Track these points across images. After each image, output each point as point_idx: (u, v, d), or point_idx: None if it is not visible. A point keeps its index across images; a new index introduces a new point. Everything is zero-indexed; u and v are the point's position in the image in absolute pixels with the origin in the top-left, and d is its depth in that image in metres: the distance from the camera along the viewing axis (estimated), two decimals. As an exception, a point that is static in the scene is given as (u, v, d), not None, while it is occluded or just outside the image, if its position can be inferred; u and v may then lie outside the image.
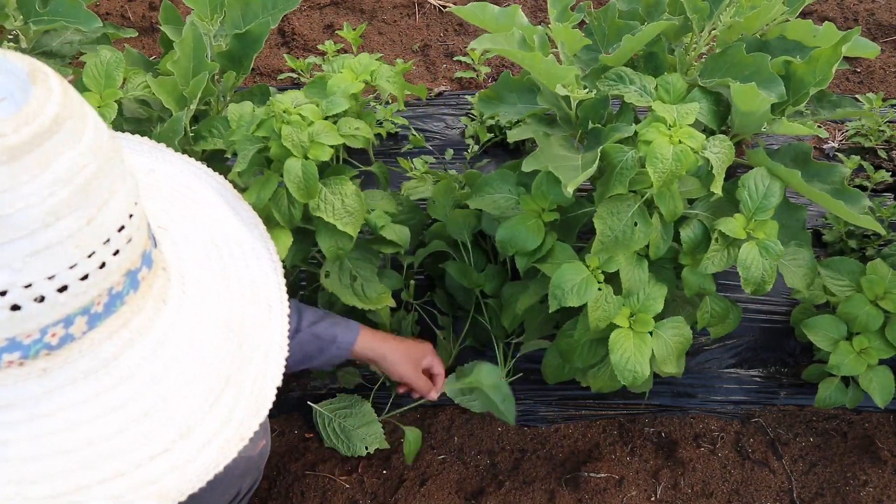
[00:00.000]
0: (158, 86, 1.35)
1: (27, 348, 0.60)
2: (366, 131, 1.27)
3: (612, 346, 1.38)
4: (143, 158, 0.91)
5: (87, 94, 1.35)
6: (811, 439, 1.75)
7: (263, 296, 0.82)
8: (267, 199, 1.16)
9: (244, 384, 0.75)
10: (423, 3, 2.69)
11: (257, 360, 0.78)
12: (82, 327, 0.62)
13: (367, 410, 1.71)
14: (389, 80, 1.45)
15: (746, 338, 1.87)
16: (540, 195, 1.41)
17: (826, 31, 1.33)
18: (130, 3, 2.69)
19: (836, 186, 1.35)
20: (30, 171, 0.55)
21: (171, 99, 1.34)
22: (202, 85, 1.31)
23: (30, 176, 0.55)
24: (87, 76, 1.35)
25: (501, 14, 1.41)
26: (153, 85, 1.35)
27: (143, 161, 0.90)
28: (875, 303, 1.58)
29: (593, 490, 1.65)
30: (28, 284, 0.57)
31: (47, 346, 0.61)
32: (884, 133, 2.18)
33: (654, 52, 1.43)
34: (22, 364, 0.60)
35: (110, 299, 0.63)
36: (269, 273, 0.85)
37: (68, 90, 0.59)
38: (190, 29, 1.39)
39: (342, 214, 1.21)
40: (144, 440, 0.66)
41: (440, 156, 2.17)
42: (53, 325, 0.60)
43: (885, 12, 2.63)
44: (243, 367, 0.76)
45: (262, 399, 0.76)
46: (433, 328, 1.81)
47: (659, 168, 1.21)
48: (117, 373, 0.65)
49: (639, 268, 1.40)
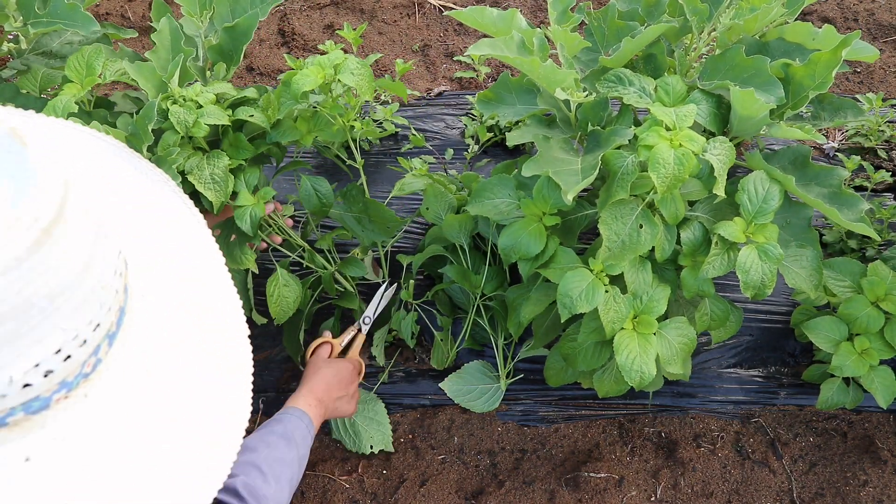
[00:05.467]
0: (137, 71, 1.39)
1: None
2: (258, 119, 1.44)
3: (617, 347, 1.38)
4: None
5: (68, 84, 1.39)
6: (811, 439, 1.75)
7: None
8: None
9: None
10: (423, 3, 2.68)
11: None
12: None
13: (380, 410, 1.72)
14: (354, 72, 1.45)
15: (746, 338, 1.87)
16: (541, 200, 1.40)
17: (826, 33, 1.32)
18: (130, 4, 2.68)
19: (833, 190, 1.35)
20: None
21: (151, 85, 1.39)
22: (178, 66, 1.37)
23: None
24: (69, 68, 1.40)
25: (500, 18, 1.41)
26: (131, 71, 1.38)
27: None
28: (876, 304, 1.58)
29: (593, 490, 1.65)
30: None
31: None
32: (884, 133, 2.18)
33: (653, 53, 1.42)
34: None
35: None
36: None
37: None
38: (167, 21, 1.44)
39: (208, 181, 1.39)
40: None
41: (440, 156, 2.17)
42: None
43: (885, 12, 2.62)
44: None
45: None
46: (432, 328, 1.81)
47: (662, 173, 1.21)
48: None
49: (642, 270, 1.40)
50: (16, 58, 1.55)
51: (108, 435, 0.66)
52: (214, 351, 0.78)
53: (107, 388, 0.65)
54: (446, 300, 1.80)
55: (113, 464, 0.66)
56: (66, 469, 0.63)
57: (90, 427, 0.64)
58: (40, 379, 0.58)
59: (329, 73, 1.44)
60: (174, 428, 0.70)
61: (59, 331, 0.58)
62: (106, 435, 0.65)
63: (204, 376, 0.75)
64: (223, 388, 0.76)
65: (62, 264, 0.56)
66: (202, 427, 0.73)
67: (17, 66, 1.54)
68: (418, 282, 1.88)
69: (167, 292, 0.76)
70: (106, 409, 0.65)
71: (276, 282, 1.57)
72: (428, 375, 1.81)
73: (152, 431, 0.69)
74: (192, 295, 0.78)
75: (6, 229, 0.53)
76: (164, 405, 0.70)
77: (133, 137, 1.31)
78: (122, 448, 0.66)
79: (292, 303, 1.58)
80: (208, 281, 0.82)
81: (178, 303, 0.76)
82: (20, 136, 0.57)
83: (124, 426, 0.67)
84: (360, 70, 1.46)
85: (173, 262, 0.79)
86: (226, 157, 1.41)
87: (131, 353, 0.68)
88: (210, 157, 1.40)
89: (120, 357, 0.66)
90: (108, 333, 0.64)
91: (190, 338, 0.76)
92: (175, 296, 0.76)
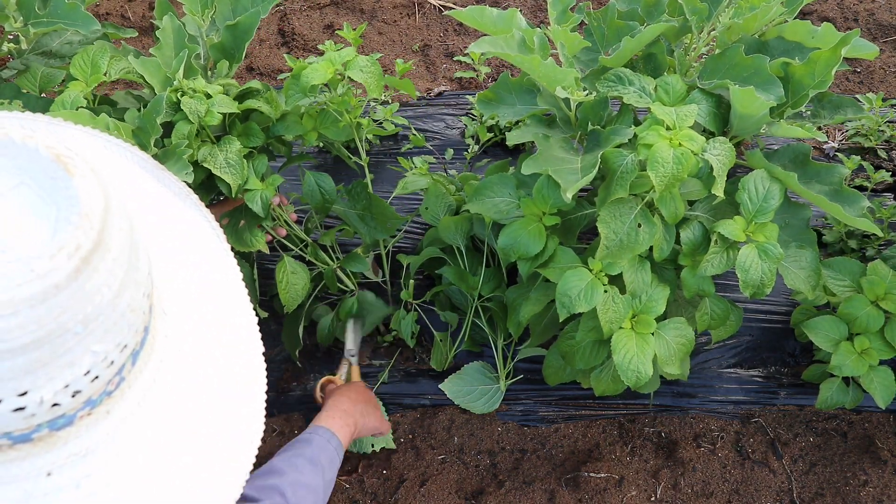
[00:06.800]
0: (142, 66, 1.40)
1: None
2: (266, 109, 1.47)
3: (614, 346, 1.38)
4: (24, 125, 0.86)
5: (74, 82, 1.40)
6: (811, 439, 1.75)
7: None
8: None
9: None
10: (423, 3, 2.68)
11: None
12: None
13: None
14: (364, 70, 1.46)
15: (746, 338, 1.87)
16: (541, 199, 1.40)
17: (825, 32, 1.32)
18: (130, 3, 2.69)
19: (834, 187, 1.35)
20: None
21: (156, 80, 1.40)
22: (182, 62, 1.38)
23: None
24: (75, 66, 1.41)
25: (500, 17, 1.41)
26: (137, 66, 1.40)
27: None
28: (875, 304, 1.58)
29: (593, 490, 1.65)
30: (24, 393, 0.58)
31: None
32: (884, 133, 2.18)
33: (653, 53, 1.42)
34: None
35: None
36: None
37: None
38: (170, 19, 1.45)
39: (223, 166, 1.42)
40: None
41: (440, 156, 2.17)
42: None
43: (885, 12, 2.62)
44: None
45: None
46: (432, 328, 1.81)
47: (660, 172, 1.21)
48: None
49: (641, 269, 1.40)
50: (16, 58, 1.55)
51: (129, 451, 0.66)
52: (231, 366, 0.79)
53: (128, 405, 0.66)
54: (446, 301, 1.80)
55: (134, 480, 0.66)
56: (87, 484, 0.64)
57: (112, 443, 0.65)
58: (68, 399, 0.59)
59: (339, 68, 1.44)
60: (193, 442, 0.71)
61: (90, 354, 0.59)
62: (127, 451, 0.66)
63: (221, 391, 0.76)
64: (239, 402, 0.78)
65: (98, 290, 0.57)
66: (219, 441, 0.74)
67: (18, 65, 1.54)
68: (418, 282, 1.88)
69: (187, 307, 0.77)
70: (127, 426, 0.66)
71: (285, 269, 1.58)
72: (428, 375, 1.81)
73: (172, 446, 0.70)
74: (210, 309, 0.80)
75: (49, 258, 0.55)
76: (183, 420, 0.71)
77: (140, 131, 1.32)
78: (143, 464, 0.67)
79: (300, 290, 1.59)
80: (225, 295, 0.83)
81: (197, 317, 0.77)
82: (64, 162, 0.58)
83: (145, 442, 0.67)
84: (369, 67, 1.47)
85: (193, 276, 0.80)
86: (237, 142, 1.44)
87: (152, 369, 0.69)
88: (222, 144, 1.44)
89: (141, 374, 0.67)
90: (132, 352, 0.65)
91: (208, 353, 0.77)
92: (194, 310, 0.78)
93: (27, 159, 0.58)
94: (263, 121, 1.51)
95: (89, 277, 0.56)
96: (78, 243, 0.55)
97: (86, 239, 0.56)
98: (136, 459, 0.67)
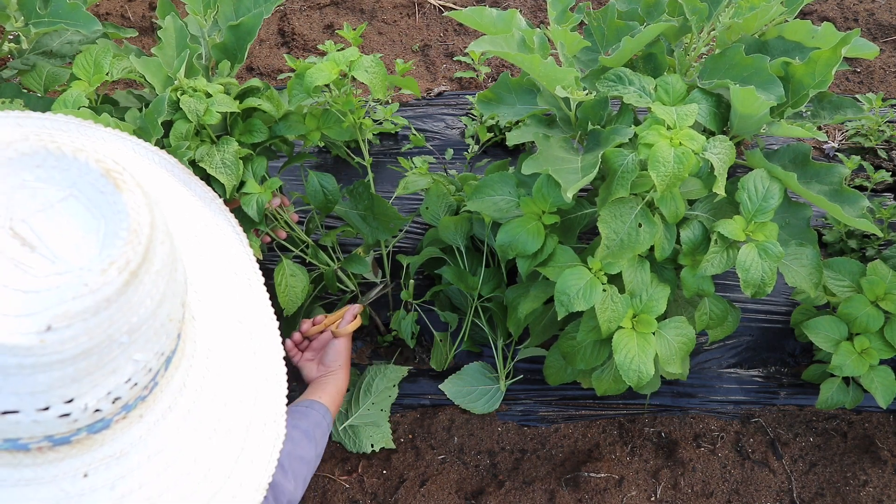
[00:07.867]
0: (144, 65, 1.40)
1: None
2: (267, 107, 1.46)
3: (615, 346, 1.38)
4: (71, 138, 0.89)
5: (76, 81, 1.40)
6: (811, 439, 1.75)
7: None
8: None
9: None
10: (423, 3, 2.69)
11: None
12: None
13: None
14: (368, 70, 1.46)
15: (746, 338, 1.87)
16: (541, 198, 1.40)
17: (825, 31, 1.32)
18: (130, 3, 2.69)
19: (834, 187, 1.35)
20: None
21: (157, 79, 1.40)
22: (184, 61, 1.38)
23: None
24: (77, 66, 1.41)
25: (500, 18, 1.41)
26: (139, 65, 1.40)
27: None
28: (875, 304, 1.58)
29: (593, 490, 1.65)
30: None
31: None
32: (884, 133, 2.18)
33: (653, 52, 1.43)
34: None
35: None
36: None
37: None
38: (172, 19, 1.45)
39: (219, 166, 1.41)
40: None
41: (440, 156, 2.17)
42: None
43: (885, 12, 2.62)
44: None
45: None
46: (432, 329, 1.81)
47: (661, 172, 1.21)
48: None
49: (641, 269, 1.40)
50: (16, 57, 1.56)
51: (159, 453, 0.69)
52: (254, 368, 0.82)
53: (160, 409, 0.69)
54: (446, 301, 1.80)
55: (165, 482, 0.69)
56: (120, 486, 0.67)
57: (144, 446, 0.68)
58: (109, 405, 0.62)
59: (343, 68, 1.44)
60: (222, 442, 0.74)
61: (132, 362, 0.62)
62: (158, 453, 0.69)
63: (245, 393, 0.79)
64: (261, 404, 0.80)
65: (142, 302, 0.60)
66: (244, 442, 0.77)
67: (18, 65, 1.54)
68: (418, 282, 1.88)
69: (212, 311, 0.80)
70: (159, 429, 0.69)
71: (283, 272, 1.57)
72: (428, 375, 1.81)
73: (200, 448, 0.72)
74: (233, 313, 0.83)
75: (101, 272, 0.57)
76: (213, 421, 0.74)
77: (141, 131, 1.32)
78: (173, 466, 0.70)
79: (300, 293, 1.59)
80: (248, 299, 0.86)
81: (222, 321, 0.80)
82: (114, 177, 0.60)
83: (174, 445, 0.70)
84: (374, 67, 1.47)
85: (217, 280, 0.83)
86: (235, 143, 1.43)
87: (182, 374, 0.71)
88: (220, 144, 1.43)
89: (173, 379, 0.70)
90: (167, 359, 0.67)
91: (233, 356, 0.79)
92: (219, 314, 0.81)
93: (77, 172, 0.61)
94: (266, 120, 1.51)
95: (136, 290, 0.59)
96: (127, 259, 0.58)
97: (134, 254, 0.58)
98: (166, 461, 0.69)
